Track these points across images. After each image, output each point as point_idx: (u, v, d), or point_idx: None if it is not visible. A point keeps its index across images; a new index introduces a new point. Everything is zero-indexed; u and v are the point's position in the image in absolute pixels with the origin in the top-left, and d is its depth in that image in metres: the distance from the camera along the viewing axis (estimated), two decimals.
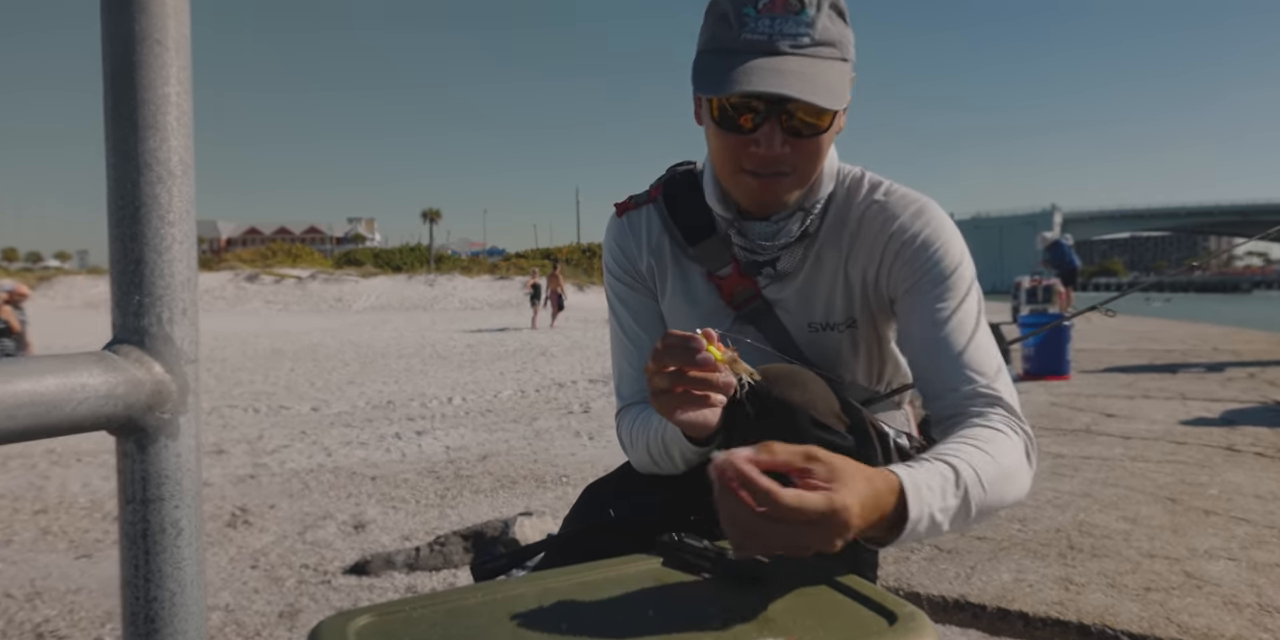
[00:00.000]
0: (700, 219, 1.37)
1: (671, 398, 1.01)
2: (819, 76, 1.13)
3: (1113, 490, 3.06)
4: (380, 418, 7.58)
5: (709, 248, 1.35)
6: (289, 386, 9.94)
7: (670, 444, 1.22)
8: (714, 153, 1.25)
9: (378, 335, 19.06)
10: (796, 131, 1.16)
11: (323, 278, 39.63)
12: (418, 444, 6.21)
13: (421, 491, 4.61)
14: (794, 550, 0.79)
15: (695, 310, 1.38)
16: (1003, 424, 1.11)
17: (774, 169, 1.19)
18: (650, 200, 1.43)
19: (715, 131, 1.21)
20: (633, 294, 1.43)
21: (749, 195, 1.24)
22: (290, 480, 4.99)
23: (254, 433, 6.81)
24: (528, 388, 9.60)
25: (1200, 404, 5.27)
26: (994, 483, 1.00)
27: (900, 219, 1.28)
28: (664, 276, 1.40)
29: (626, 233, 1.42)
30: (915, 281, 1.24)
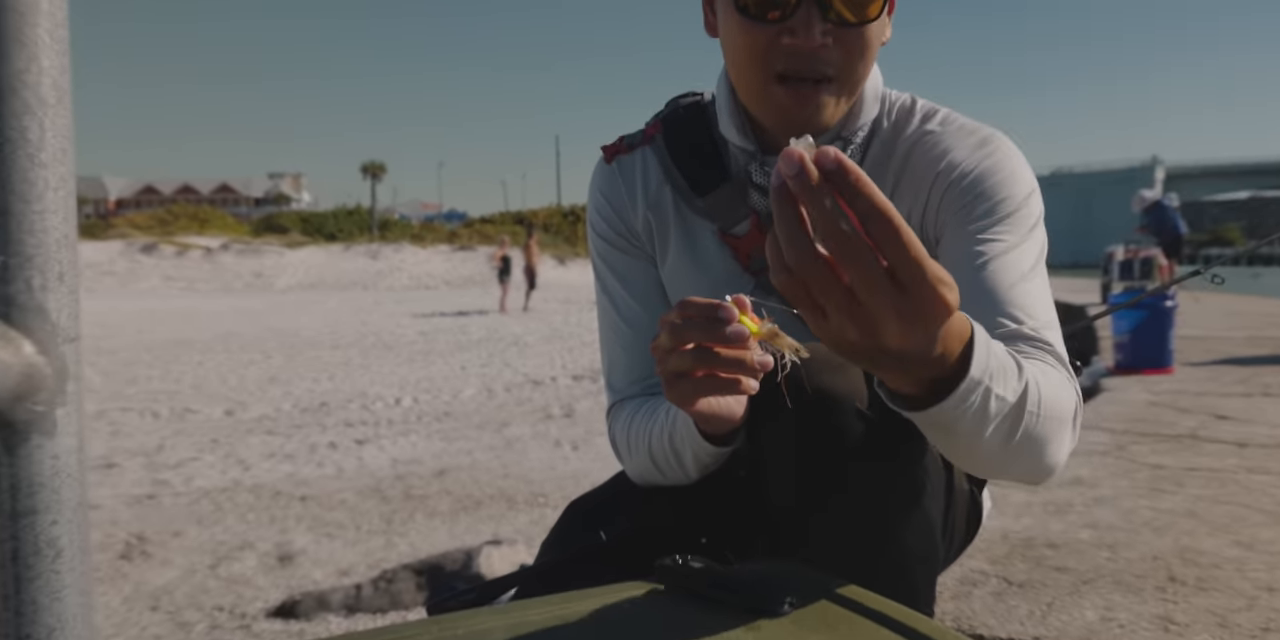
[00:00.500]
0: (710, 162, 1.36)
1: (692, 383, 0.99)
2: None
3: (1224, 509, 3.08)
4: (311, 423, 7.60)
5: (721, 198, 1.34)
6: (196, 384, 9.96)
7: (681, 444, 1.21)
8: (735, 56, 1.24)
9: (307, 320, 19.06)
10: (841, 18, 1.17)
11: (237, 248, 39.57)
12: (358, 456, 6.23)
13: (363, 515, 4.62)
14: (874, 331, 0.73)
15: (704, 277, 1.37)
16: (1058, 366, 1.10)
17: (813, 69, 1.19)
18: (647, 141, 1.42)
19: (737, 24, 1.20)
20: (626, 259, 1.42)
21: (780, 111, 1.23)
22: (199, 501, 5.00)
23: (153, 442, 6.82)
24: (496, 386, 9.62)
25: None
26: (1049, 410, 0.96)
27: (955, 151, 1.27)
28: (665, 236, 1.39)
29: (617, 182, 1.41)
30: (965, 212, 1.23)
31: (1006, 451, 0.96)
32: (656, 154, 1.40)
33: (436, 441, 6.72)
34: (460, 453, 6.29)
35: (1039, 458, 1.01)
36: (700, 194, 1.35)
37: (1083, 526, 2.88)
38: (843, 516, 1.07)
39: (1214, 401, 5.40)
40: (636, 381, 1.39)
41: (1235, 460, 3.82)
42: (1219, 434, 4.38)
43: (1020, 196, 1.23)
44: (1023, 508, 3.09)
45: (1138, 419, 4.88)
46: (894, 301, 0.71)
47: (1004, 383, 0.89)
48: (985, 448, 0.93)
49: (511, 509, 4.71)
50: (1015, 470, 1.03)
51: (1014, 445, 0.95)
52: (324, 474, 5.71)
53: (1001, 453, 0.96)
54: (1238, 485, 3.38)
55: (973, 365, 0.83)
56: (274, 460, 6.16)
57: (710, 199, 1.35)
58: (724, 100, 1.32)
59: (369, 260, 38.71)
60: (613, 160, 1.42)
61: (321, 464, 6.02)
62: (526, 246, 23.20)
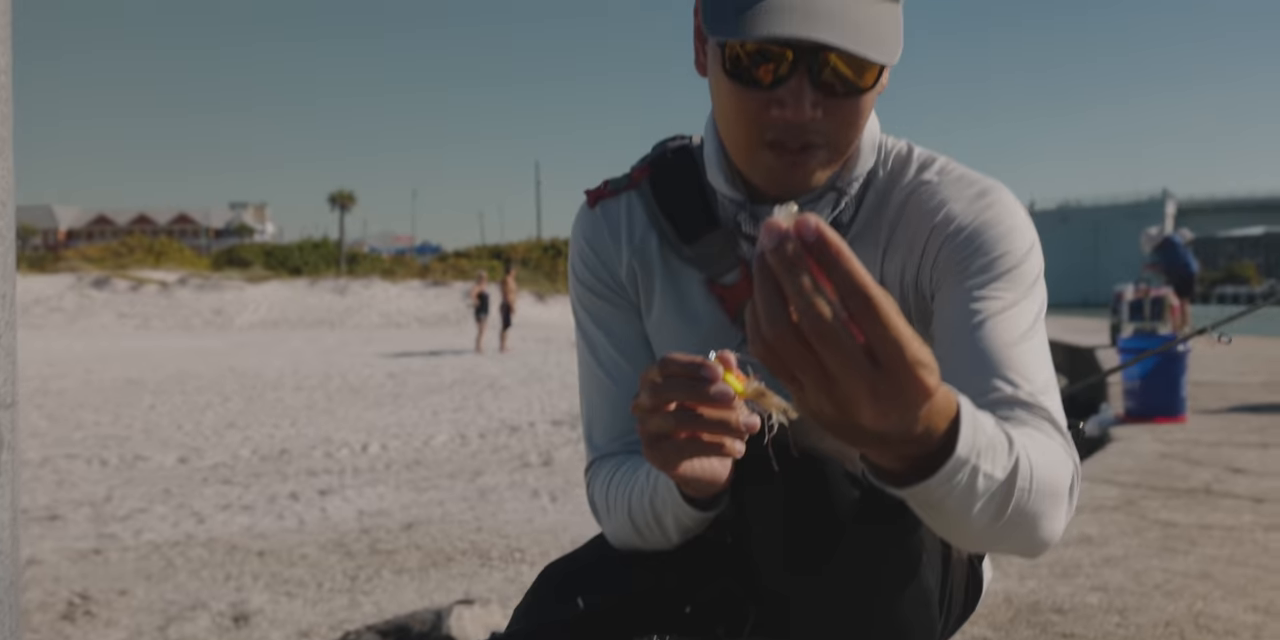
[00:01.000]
0: (698, 209, 1.37)
1: (674, 445, 0.99)
2: (866, 18, 1.13)
3: (1240, 571, 3.08)
4: (271, 472, 7.55)
5: (710, 247, 1.35)
6: (148, 429, 9.88)
7: (662, 507, 1.20)
8: (723, 115, 1.25)
9: (269, 360, 18.98)
10: (832, 89, 1.17)
11: (196, 283, 39.52)
12: (320, 507, 6.18)
13: (325, 571, 4.58)
14: (850, 410, 0.73)
15: (692, 330, 1.37)
16: (1054, 434, 1.10)
17: (802, 139, 1.19)
18: (633, 185, 1.43)
19: (726, 86, 1.20)
20: (608, 308, 1.42)
21: (767, 174, 1.24)
22: (148, 556, 4.95)
23: (100, 492, 6.76)
24: (470, 432, 9.59)
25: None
26: (1042, 485, 0.96)
27: (953, 203, 1.28)
28: (650, 285, 1.39)
29: (601, 228, 1.42)
30: (962, 267, 1.24)
31: (996, 528, 0.96)
32: (643, 199, 1.41)
33: (405, 492, 6.67)
34: (431, 504, 6.25)
35: (1030, 534, 1.01)
36: (688, 241, 1.36)
37: (1091, 589, 2.87)
38: (834, 587, 1.07)
39: (1229, 453, 5.41)
40: (617, 438, 1.39)
41: (1251, 517, 3.82)
42: (1234, 488, 4.39)
43: (1020, 252, 1.24)
44: (1028, 569, 3.08)
45: (1149, 471, 4.89)
46: (870, 381, 0.72)
47: (993, 460, 0.89)
48: (973, 525, 0.93)
49: (485, 565, 4.67)
50: (1006, 546, 1.03)
51: (1004, 522, 0.95)
52: (284, 527, 5.66)
53: (990, 529, 0.95)
54: (1254, 544, 3.39)
55: (959, 444, 0.83)
56: (230, 512, 6.11)
57: (698, 247, 1.36)
58: (712, 149, 1.33)
59: (336, 296, 38.67)
60: (596, 205, 1.43)
61: (281, 516, 5.97)
62: (503, 282, 23.22)
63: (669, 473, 1.05)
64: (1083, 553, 3.30)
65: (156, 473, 7.58)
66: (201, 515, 6.01)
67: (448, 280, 41.95)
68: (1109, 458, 5.40)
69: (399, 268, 49.28)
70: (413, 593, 4.23)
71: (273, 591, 4.30)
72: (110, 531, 5.59)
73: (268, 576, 4.54)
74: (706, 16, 1.17)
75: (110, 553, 5.05)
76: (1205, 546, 3.36)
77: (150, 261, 47.81)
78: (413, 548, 5.04)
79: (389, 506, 6.19)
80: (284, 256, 53.14)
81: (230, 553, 5.01)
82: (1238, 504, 4.05)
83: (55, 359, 18.70)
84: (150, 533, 5.55)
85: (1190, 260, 15.48)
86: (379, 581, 4.41)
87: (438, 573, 4.55)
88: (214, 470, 7.67)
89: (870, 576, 1.06)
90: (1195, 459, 5.22)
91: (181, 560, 4.88)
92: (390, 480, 7.14)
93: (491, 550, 4.96)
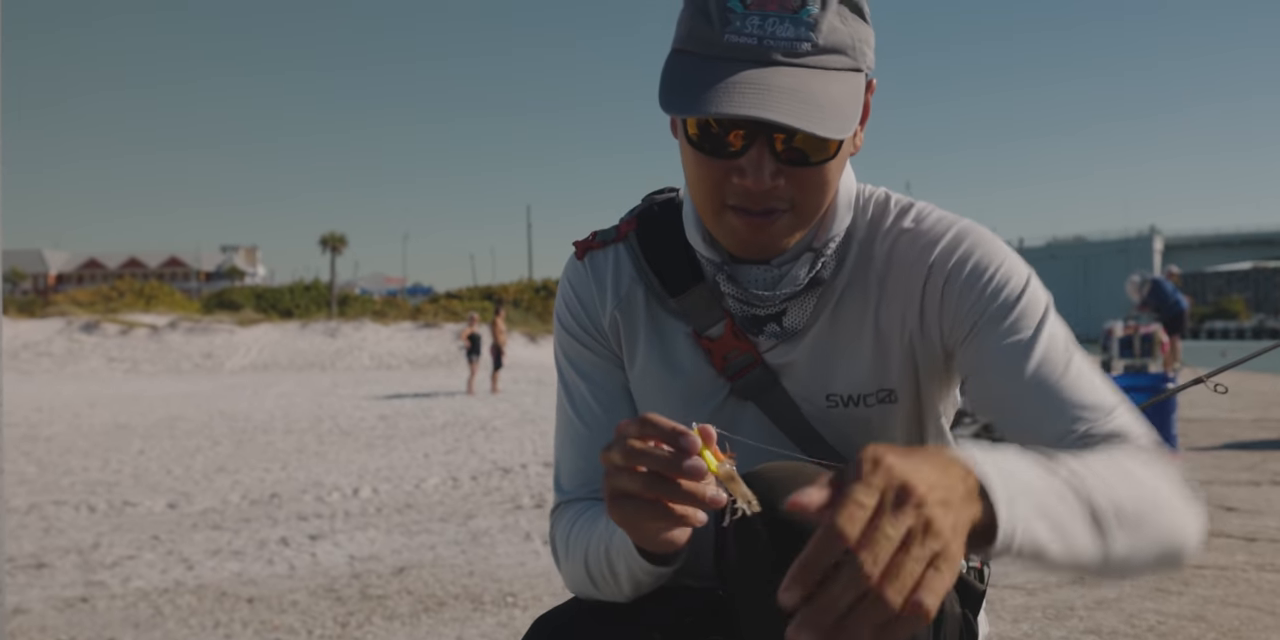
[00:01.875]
0: (683, 263, 1.39)
1: (636, 506, 1.00)
2: (821, 95, 1.14)
3: (1234, 612, 3.07)
4: (261, 517, 7.50)
5: (695, 299, 1.37)
6: (137, 475, 9.83)
7: (617, 558, 1.21)
8: (690, 180, 1.27)
9: (259, 404, 18.92)
10: (793, 159, 1.19)
11: (186, 326, 39.41)
12: (311, 552, 6.14)
13: (316, 618, 4.54)
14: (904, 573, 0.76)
15: (677, 381, 1.39)
16: (1135, 452, 1.11)
17: (764, 204, 1.21)
18: (620, 238, 1.45)
19: (690, 155, 1.23)
20: (590, 359, 1.44)
21: (733, 237, 1.26)
22: (137, 604, 4.91)
23: (88, 539, 6.71)
24: (461, 474, 9.54)
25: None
26: (1132, 508, 0.99)
27: (939, 245, 1.31)
28: (634, 338, 1.41)
29: (587, 279, 1.44)
30: (978, 319, 1.25)
31: (1110, 560, 0.99)
32: (629, 252, 1.44)
33: (397, 536, 6.63)
34: (422, 548, 6.21)
35: (1157, 547, 1.04)
36: (673, 295, 1.38)
37: (1085, 632, 2.87)
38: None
39: (1220, 491, 5.42)
40: (585, 484, 1.40)
41: (1244, 556, 3.82)
42: (1226, 527, 4.39)
43: (1022, 283, 1.28)
44: (1021, 612, 3.08)
45: None
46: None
47: (1053, 522, 0.92)
48: (1081, 565, 0.97)
49: (478, 610, 4.64)
50: (1137, 569, 1.04)
51: (1113, 554, 0.98)
52: (274, 573, 5.62)
53: (1105, 562, 0.98)
54: (1247, 585, 3.38)
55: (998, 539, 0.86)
56: (219, 558, 6.06)
57: (683, 300, 1.38)
58: (689, 209, 1.37)
59: (327, 338, 38.59)
60: (584, 256, 1.46)
61: (271, 561, 5.93)
62: (493, 323, 23.20)
63: (628, 531, 1.06)
64: (1075, 595, 3.29)
65: (145, 518, 7.53)
66: (191, 561, 5.96)
67: (439, 322, 41.89)
68: None
69: (390, 309, 49.21)
70: (404, 638, 4.20)
71: (262, 639, 4.27)
72: (98, 579, 5.54)
73: (257, 623, 4.50)
74: (664, 92, 1.17)
75: (98, 601, 5.01)
76: (1198, 587, 3.36)
77: (140, 305, 47.72)
78: (404, 593, 5.01)
79: (380, 551, 6.16)
80: (275, 299, 53.11)
81: (219, 599, 4.97)
82: (1230, 543, 4.05)
83: (44, 404, 18.62)
84: (139, 580, 5.51)
85: (1180, 298, 15.56)
86: (370, 627, 4.38)
87: (429, 618, 4.51)
88: (203, 515, 7.62)
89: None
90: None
91: (170, 608, 4.84)
92: (381, 524, 7.10)
93: (484, 594, 4.92)
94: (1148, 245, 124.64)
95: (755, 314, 1.33)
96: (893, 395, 1.33)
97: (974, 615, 1.35)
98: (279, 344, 37.72)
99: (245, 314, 45.16)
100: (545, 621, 1.38)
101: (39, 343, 35.85)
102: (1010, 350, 1.22)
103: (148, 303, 49.04)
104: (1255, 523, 4.45)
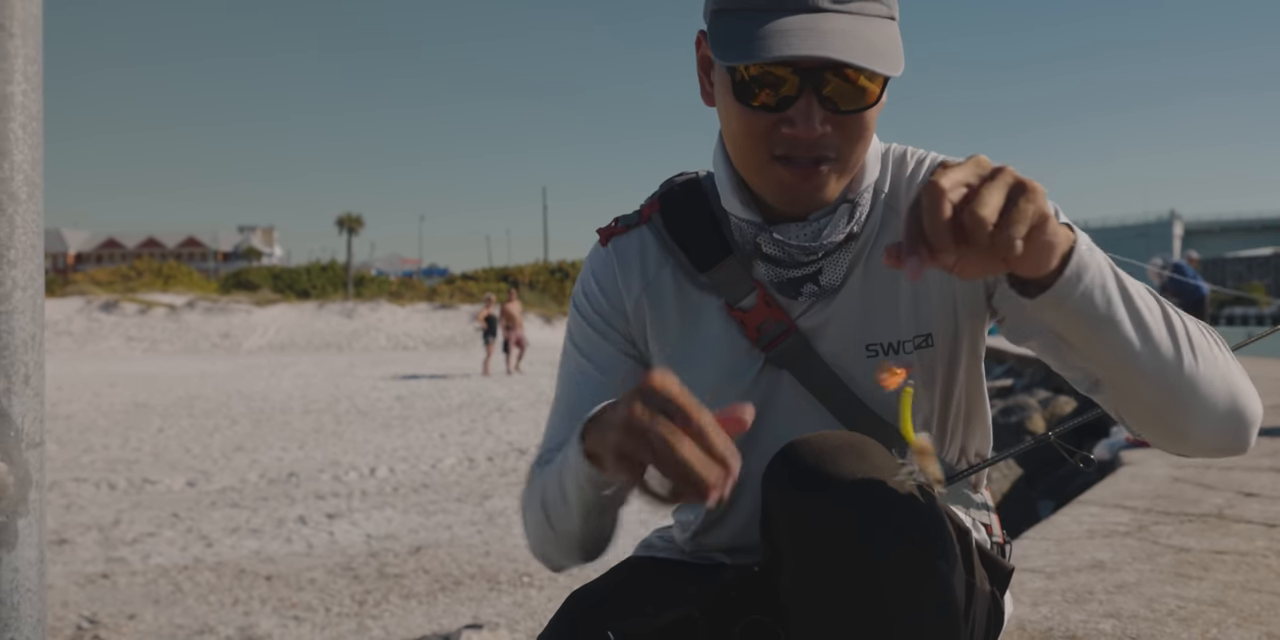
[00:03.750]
0: (711, 237, 1.40)
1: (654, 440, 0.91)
2: (869, 36, 1.17)
3: (1255, 597, 3.06)
4: (279, 496, 7.55)
5: (726, 273, 1.38)
6: (156, 453, 9.89)
7: (569, 476, 1.15)
8: (734, 139, 1.28)
9: (276, 383, 19.01)
10: (839, 106, 1.21)
11: (204, 306, 39.61)
12: (329, 531, 6.18)
13: (334, 595, 4.58)
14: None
15: (712, 354, 1.38)
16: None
17: (814, 153, 1.23)
18: (644, 220, 1.45)
19: (736, 110, 1.24)
20: (600, 342, 1.44)
21: (782, 190, 1.27)
22: (157, 581, 4.95)
23: (108, 516, 6.77)
24: (478, 455, 9.58)
25: None
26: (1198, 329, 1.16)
27: None
28: (663, 319, 1.41)
29: (612, 265, 1.44)
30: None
31: (1178, 374, 1.11)
32: (654, 233, 1.44)
33: (413, 515, 6.67)
34: (439, 527, 6.24)
35: (1220, 391, 1.14)
36: (703, 269, 1.39)
37: (1104, 616, 2.86)
38: (861, 618, 1.06)
39: (1241, 476, 5.39)
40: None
41: (1264, 542, 3.81)
42: (1247, 513, 4.37)
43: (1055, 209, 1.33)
44: (1040, 595, 3.07)
45: (1160, 496, 4.87)
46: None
47: (1125, 294, 1.08)
48: (1145, 360, 1.09)
49: (494, 590, 4.67)
50: (1203, 406, 1.13)
51: (1183, 368, 1.10)
52: (292, 551, 5.66)
53: (1172, 373, 1.10)
54: (1268, 570, 3.37)
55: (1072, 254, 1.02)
56: (238, 536, 6.11)
57: (714, 274, 1.38)
58: (723, 175, 1.36)
59: (344, 319, 38.72)
60: (608, 242, 1.45)
61: (290, 540, 5.97)
62: (502, 309, 23.10)
63: (617, 468, 0.97)
64: (1095, 578, 3.28)
65: (165, 496, 7.58)
66: (210, 539, 6.01)
67: (455, 303, 41.99)
68: (1120, 482, 5.38)
69: (406, 290, 49.35)
70: (421, 617, 4.22)
71: (280, 616, 4.30)
72: (119, 556, 5.59)
73: (275, 601, 4.53)
74: (716, 45, 1.20)
75: (119, 577, 5.06)
76: (1219, 572, 3.34)
77: (159, 285, 47.89)
78: (421, 572, 5.04)
79: (397, 530, 6.19)
80: (292, 279, 53.23)
81: (238, 577, 5.01)
82: (1251, 529, 4.03)
83: (64, 383, 18.75)
84: (159, 557, 5.55)
85: (1201, 283, 15.48)
86: (387, 606, 4.41)
87: (446, 597, 4.54)
88: (222, 494, 7.67)
89: (898, 606, 1.06)
90: (1207, 483, 5.20)
91: (190, 585, 4.88)
92: (398, 504, 7.13)
93: (500, 574, 4.95)
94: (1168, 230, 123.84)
95: (792, 276, 1.33)
96: (929, 339, 1.34)
97: (1001, 594, 1.34)
98: (296, 324, 37.87)
99: (262, 294, 45.31)
100: (578, 597, 1.38)
101: (59, 322, 36.07)
102: None
103: (166, 282, 49.21)
104: (1276, 508, 4.43)
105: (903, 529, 1.04)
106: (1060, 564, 3.46)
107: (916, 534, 1.03)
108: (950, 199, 0.89)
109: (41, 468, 0.69)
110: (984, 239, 0.90)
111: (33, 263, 0.68)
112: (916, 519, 1.03)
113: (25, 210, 0.68)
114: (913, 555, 1.04)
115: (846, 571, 1.05)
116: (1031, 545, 3.81)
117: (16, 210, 0.67)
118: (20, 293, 0.67)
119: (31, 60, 0.68)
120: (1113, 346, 1.07)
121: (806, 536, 1.08)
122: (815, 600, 1.08)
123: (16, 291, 0.67)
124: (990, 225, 0.89)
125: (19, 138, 0.68)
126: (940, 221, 0.88)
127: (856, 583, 1.05)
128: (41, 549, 0.68)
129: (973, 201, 0.89)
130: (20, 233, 0.67)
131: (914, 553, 1.04)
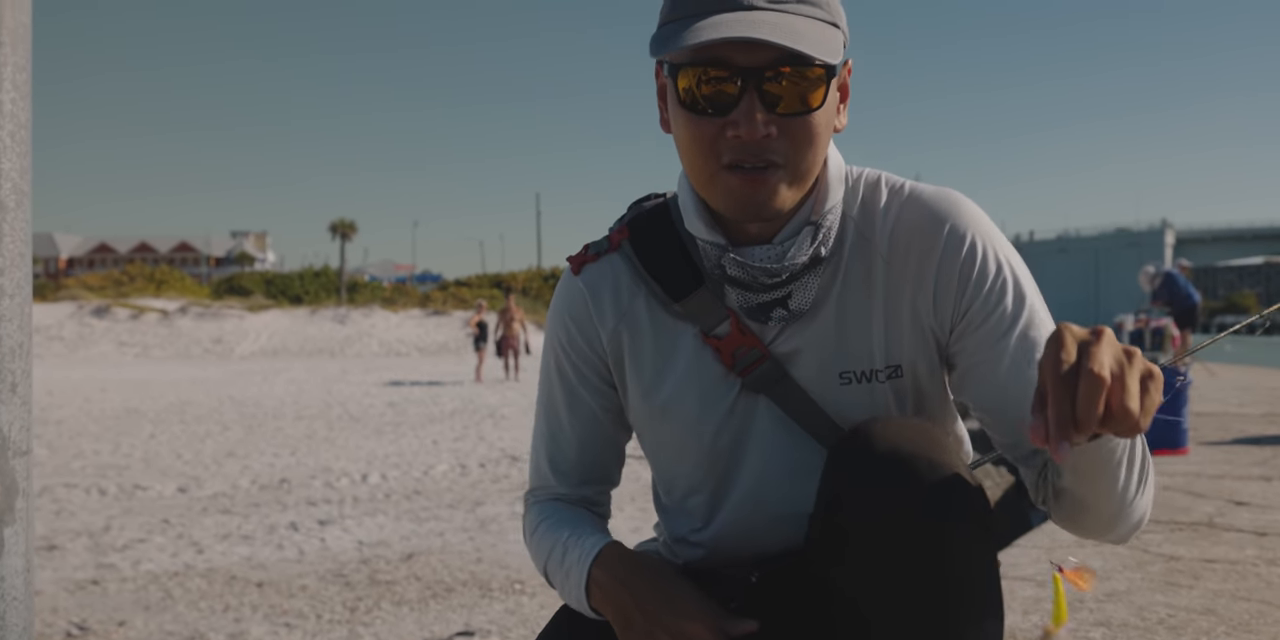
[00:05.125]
0: (682, 267, 1.39)
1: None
2: (799, 28, 1.20)
3: (1244, 606, 3.07)
4: (270, 502, 7.53)
5: (699, 302, 1.37)
6: (147, 459, 9.87)
7: (570, 588, 1.38)
8: (685, 149, 1.28)
9: (269, 389, 18.98)
10: (781, 107, 1.22)
11: (196, 311, 39.51)
12: (320, 538, 6.17)
13: (325, 602, 4.56)
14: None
15: (689, 382, 1.39)
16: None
17: (760, 158, 1.23)
18: (614, 248, 1.45)
19: (683, 119, 1.25)
20: (580, 381, 1.47)
21: (732, 199, 1.26)
22: (147, 587, 4.94)
23: (98, 522, 6.75)
24: (470, 461, 9.57)
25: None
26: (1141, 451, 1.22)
27: (948, 224, 1.33)
28: (639, 350, 1.41)
29: (582, 298, 1.44)
30: (992, 309, 1.31)
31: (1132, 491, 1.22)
32: (626, 261, 1.43)
33: (405, 522, 6.66)
34: (431, 534, 6.23)
35: (1146, 499, 1.26)
36: (677, 299, 1.38)
37: (1095, 625, 2.86)
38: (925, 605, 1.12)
39: (1231, 485, 5.40)
40: (565, 479, 1.54)
41: (1254, 551, 3.81)
42: (1237, 522, 4.38)
43: (1012, 258, 1.35)
44: (1031, 603, 3.07)
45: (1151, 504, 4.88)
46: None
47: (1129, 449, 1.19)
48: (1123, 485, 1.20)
49: (486, 597, 4.66)
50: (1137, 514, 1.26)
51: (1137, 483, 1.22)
52: (283, 557, 5.64)
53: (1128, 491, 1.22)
54: (1258, 579, 3.38)
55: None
56: (229, 542, 6.09)
57: (687, 303, 1.38)
58: (687, 197, 1.36)
59: (336, 325, 38.66)
60: (580, 271, 1.45)
61: (281, 546, 5.96)
62: (501, 314, 23.01)
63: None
64: None
65: (156, 502, 7.57)
66: (201, 545, 5.99)
67: (448, 309, 41.93)
68: None
69: (399, 296, 49.24)
70: (412, 624, 4.21)
71: (271, 623, 4.29)
72: (109, 561, 5.58)
73: (266, 608, 4.52)
74: (654, 43, 1.24)
75: (108, 583, 5.04)
76: (1209, 581, 3.35)
77: (151, 290, 47.76)
78: (412, 579, 5.03)
79: (388, 537, 6.18)
80: (284, 285, 53.15)
81: (229, 583, 5.00)
82: (1241, 538, 4.04)
83: (55, 388, 18.70)
84: (149, 563, 5.53)
85: (1192, 292, 15.54)
86: (378, 613, 4.40)
87: (438, 604, 4.53)
88: (213, 500, 7.66)
89: (959, 595, 1.14)
90: (1197, 492, 5.21)
91: (180, 591, 4.86)
92: (390, 510, 7.12)
93: (492, 581, 4.94)
94: (1159, 239, 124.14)
95: (761, 301, 1.33)
96: (899, 371, 1.35)
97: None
98: (288, 330, 37.81)
99: (255, 300, 45.23)
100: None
101: (50, 327, 35.96)
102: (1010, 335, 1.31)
103: (158, 288, 49.07)
104: (1266, 517, 4.44)
105: (974, 519, 1.14)
106: (1049, 572, 3.47)
107: (983, 527, 1.14)
108: (1105, 390, 0.94)
109: (29, 476, 0.68)
110: (1125, 428, 0.96)
111: (21, 270, 0.68)
112: (986, 510, 1.15)
113: (13, 218, 0.68)
114: (981, 547, 1.15)
115: (920, 556, 1.11)
116: (1022, 554, 3.82)
117: (4, 218, 0.67)
118: (8, 300, 0.67)
119: (21, 68, 0.68)
120: (1111, 480, 1.19)
121: (883, 519, 1.12)
122: (882, 583, 1.13)
123: (4, 299, 0.67)
124: (1135, 417, 0.95)
125: (7, 146, 0.68)
126: (1095, 412, 0.94)
127: (928, 568, 1.12)
128: (29, 557, 0.68)
129: (1122, 393, 0.95)
130: (8, 240, 0.67)
131: (983, 546, 1.15)
